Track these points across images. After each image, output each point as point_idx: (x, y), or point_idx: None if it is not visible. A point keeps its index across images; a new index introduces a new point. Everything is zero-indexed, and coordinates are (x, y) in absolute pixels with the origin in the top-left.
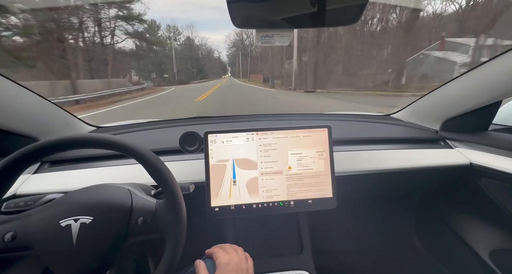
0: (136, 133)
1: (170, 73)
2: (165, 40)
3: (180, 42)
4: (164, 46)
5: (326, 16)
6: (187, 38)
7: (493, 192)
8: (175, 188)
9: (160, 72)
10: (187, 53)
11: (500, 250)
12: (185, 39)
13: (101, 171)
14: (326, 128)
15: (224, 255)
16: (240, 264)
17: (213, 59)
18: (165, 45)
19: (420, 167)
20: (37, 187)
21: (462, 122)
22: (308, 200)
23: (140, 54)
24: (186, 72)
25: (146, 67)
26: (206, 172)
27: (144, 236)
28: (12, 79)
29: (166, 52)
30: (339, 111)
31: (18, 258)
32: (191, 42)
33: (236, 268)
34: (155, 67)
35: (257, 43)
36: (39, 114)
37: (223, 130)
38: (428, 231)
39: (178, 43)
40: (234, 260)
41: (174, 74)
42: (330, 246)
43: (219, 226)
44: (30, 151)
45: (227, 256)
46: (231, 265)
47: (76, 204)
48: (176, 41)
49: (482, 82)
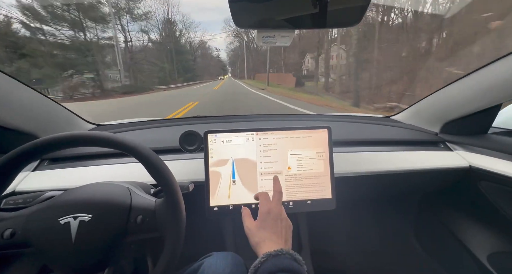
0: (136, 131)
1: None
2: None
3: (145, 26)
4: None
5: (327, 17)
6: (165, 21)
7: (492, 195)
8: (175, 187)
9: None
10: (161, 45)
11: (498, 253)
12: (163, 24)
13: (100, 169)
14: (326, 129)
15: (266, 204)
16: (281, 214)
17: (208, 55)
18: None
19: (419, 169)
20: (36, 184)
21: (462, 125)
22: (307, 200)
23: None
24: (154, 72)
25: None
26: (206, 172)
27: (143, 234)
28: (12, 76)
29: (102, 45)
30: (339, 112)
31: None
32: (171, 27)
33: (276, 218)
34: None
35: (258, 43)
36: (39, 112)
37: (223, 130)
38: (427, 233)
39: (138, 25)
40: (274, 210)
41: (120, 77)
42: (328, 247)
43: (218, 225)
44: (29, 148)
45: (269, 205)
46: (271, 214)
47: (75, 201)
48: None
49: (482, 85)
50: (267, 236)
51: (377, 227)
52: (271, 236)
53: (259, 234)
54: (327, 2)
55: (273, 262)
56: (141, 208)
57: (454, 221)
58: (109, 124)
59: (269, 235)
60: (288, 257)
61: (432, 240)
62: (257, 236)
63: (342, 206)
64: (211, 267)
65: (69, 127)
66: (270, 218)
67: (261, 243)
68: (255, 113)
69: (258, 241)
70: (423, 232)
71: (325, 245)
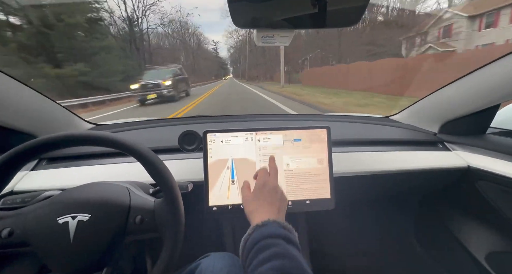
0: (135, 131)
1: None
2: None
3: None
4: None
5: (327, 17)
6: None
7: (490, 194)
8: (174, 187)
9: None
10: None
11: (497, 253)
12: None
13: (99, 168)
14: (325, 129)
15: (263, 177)
16: (276, 188)
17: (204, 50)
18: None
19: (418, 169)
20: (35, 183)
21: (460, 125)
22: (306, 200)
23: None
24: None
25: None
26: (205, 171)
27: (142, 234)
28: (11, 76)
29: None
30: (339, 113)
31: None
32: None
33: (271, 190)
34: None
35: (257, 43)
36: (38, 111)
37: (222, 130)
38: (426, 232)
39: None
40: (270, 183)
41: None
42: (327, 247)
43: (217, 225)
44: (28, 148)
45: (265, 178)
46: (266, 186)
47: (74, 201)
48: None
49: (481, 85)
50: (260, 205)
51: (376, 227)
52: (264, 205)
53: (253, 203)
54: (326, 2)
55: (260, 231)
56: (140, 207)
57: (452, 221)
58: (108, 124)
59: (262, 204)
60: (275, 225)
61: (431, 239)
62: (251, 205)
63: (341, 206)
64: (208, 268)
65: (68, 127)
66: (266, 190)
67: (254, 212)
68: (254, 113)
69: (252, 209)
70: (422, 231)
71: (325, 245)
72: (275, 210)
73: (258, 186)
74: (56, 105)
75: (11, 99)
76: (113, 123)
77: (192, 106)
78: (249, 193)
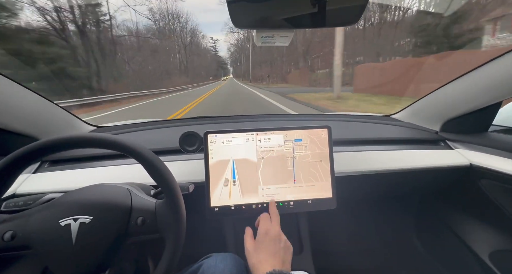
0: (136, 133)
1: None
2: None
3: None
4: None
5: (326, 17)
6: None
7: (493, 193)
8: (175, 188)
9: None
10: None
11: (500, 251)
12: None
13: (101, 170)
14: (326, 128)
15: (265, 224)
16: (279, 235)
17: (197, 44)
18: None
19: (420, 167)
20: (36, 186)
21: (462, 123)
22: (307, 200)
23: None
24: None
25: None
26: (206, 172)
27: (144, 236)
28: (13, 79)
29: None
30: (339, 112)
31: (18, 257)
32: None
33: (274, 239)
34: None
35: (257, 44)
36: (39, 114)
37: (223, 131)
38: (428, 231)
39: None
40: (272, 231)
41: None
42: (330, 246)
43: (219, 226)
44: (30, 150)
45: (267, 226)
46: (269, 235)
47: (76, 203)
48: None
49: (483, 83)
50: (263, 258)
51: (378, 226)
52: (268, 257)
53: (256, 256)
54: (326, 2)
55: None
56: (141, 209)
57: (455, 220)
58: (109, 126)
59: (265, 256)
60: None
61: (433, 238)
62: (254, 258)
63: (342, 206)
64: (210, 269)
65: (69, 129)
66: (268, 239)
67: (257, 265)
68: (254, 114)
69: (255, 262)
70: (424, 230)
71: (326, 245)
72: (280, 262)
73: (261, 235)
74: (57, 107)
75: (12, 102)
76: (114, 125)
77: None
78: (252, 242)
